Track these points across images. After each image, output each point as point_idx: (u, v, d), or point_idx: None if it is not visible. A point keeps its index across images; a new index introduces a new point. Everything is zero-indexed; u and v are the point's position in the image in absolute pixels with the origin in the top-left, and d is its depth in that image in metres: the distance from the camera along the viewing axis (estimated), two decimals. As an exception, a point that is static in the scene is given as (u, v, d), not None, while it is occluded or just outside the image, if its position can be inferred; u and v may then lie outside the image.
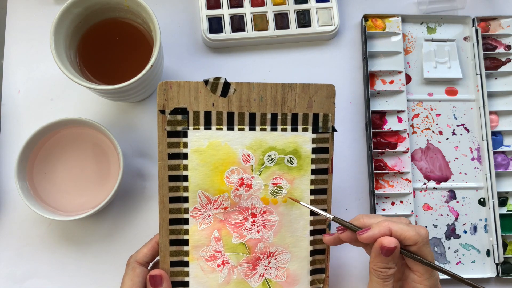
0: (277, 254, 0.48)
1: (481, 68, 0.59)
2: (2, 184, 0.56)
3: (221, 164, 0.47)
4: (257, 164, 0.48)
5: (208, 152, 0.47)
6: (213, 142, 0.47)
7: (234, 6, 0.59)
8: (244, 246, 0.48)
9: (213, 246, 0.47)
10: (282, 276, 0.48)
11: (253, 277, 0.48)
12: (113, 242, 0.56)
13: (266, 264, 0.48)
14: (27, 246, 0.55)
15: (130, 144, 0.58)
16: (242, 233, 0.48)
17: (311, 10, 0.59)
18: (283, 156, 0.48)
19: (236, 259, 0.48)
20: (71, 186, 0.54)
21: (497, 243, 0.56)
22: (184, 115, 0.46)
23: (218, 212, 0.47)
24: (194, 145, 0.46)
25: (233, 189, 0.47)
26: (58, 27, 0.48)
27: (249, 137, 0.47)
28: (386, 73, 0.60)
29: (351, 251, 0.56)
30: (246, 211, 0.48)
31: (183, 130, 0.46)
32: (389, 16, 0.61)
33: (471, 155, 0.59)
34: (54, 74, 0.57)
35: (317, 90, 0.48)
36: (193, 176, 0.47)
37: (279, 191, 0.48)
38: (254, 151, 0.48)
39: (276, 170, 0.48)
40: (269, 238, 0.48)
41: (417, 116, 0.60)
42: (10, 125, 0.57)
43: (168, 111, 0.46)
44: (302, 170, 0.48)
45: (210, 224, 0.47)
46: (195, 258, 0.47)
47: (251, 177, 0.48)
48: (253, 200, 0.48)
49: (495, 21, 0.62)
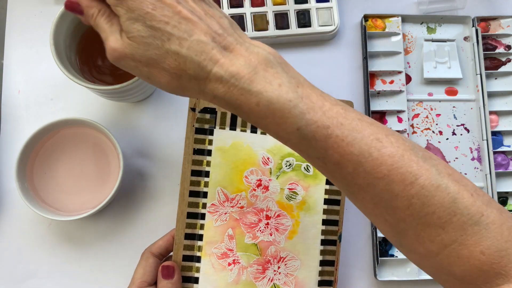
0: (287, 260, 0.49)
1: (481, 68, 0.59)
2: (2, 184, 0.56)
3: (242, 164, 0.49)
4: (275, 167, 0.49)
5: (230, 151, 0.49)
6: (236, 142, 0.49)
7: (234, 6, 0.59)
8: (256, 247, 0.49)
9: (226, 243, 0.48)
10: (291, 283, 0.49)
11: (262, 280, 0.49)
12: (113, 242, 0.56)
13: (276, 269, 0.49)
14: (27, 246, 0.55)
15: (130, 144, 0.58)
16: (255, 234, 0.49)
17: (311, 10, 0.59)
18: (301, 163, 0.50)
19: (247, 259, 0.48)
20: (71, 186, 0.54)
21: (497, 243, 0.56)
22: (212, 115, 0.49)
23: (234, 210, 0.49)
24: (218, 143, 0.49)
25: (250, 189, 0.49)
26: (58, 27, 0.48)
27: (270, 142, 0.50)
28: (386, 73, 0.60)
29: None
30: (261, 213, 0.49)
31: (210, 128, 0.49)
32: (389, 16, 0.61)
33: (471, 155, 0.59)
34: (54, 74, 0.57)
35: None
36: (214, 173, 0.48)
37: (294, 197, 0.49)
38: (273, 155, 0.49)
39: (293, 175, 0.50)
40: (281, 242, 0.49)
41: (417, 116, 0.60)
42: (10, 125, 0.57)
43: (198, 109, 0.48)
44: (317, 179, 0.50)
45: (225, 221, 0.49)
46: (207, 254, 0.48)
47: (269, 179, 0.49)
48: (268, 202, 0.49)
49: (495, 21, 0.62)
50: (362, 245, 0.57)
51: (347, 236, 0.56)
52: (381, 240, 0.57)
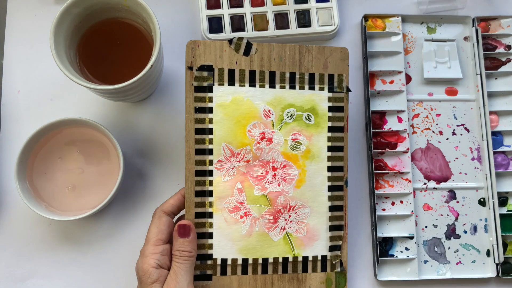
0: (297, 208, 0.50)
1: (481, 68, 0.59)
2: (2, 184, 0.56)
3: (244, 118, 0.50)
4: (277, 119, 0.50)
5: (231, 107, 0.49)
6: (236, 97, 0.50)
7: (234, 6, 0.59)
8: (266, 198, 0.50)
9: (236, 197, 0.49)
10: (302, 230, 0.51)
11: (275, 230, 0.50)
12: (113, 242, 0.56)
13: (287, 218, 0.50)
14: (27, 246, 0.55)
15: (130, 144, 0.58)
16: (263, 185, 0.50)
17: (311, 10, 0.59)
18: (301, 113, 0.51)
19: (258, 210, 0.50)
20: (71, 186, 0.54)
21: (497, 243, 0.56)
22: (210, 72, 0.49)
23: (241, 165, 0.50)
24: (218, 99, 0.49)
25: (255, 142, 0.50)
26: (58, 27, 0.48)
27: (269, 94, 0.50)
28: (386, 73, 0.60)
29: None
30: (267, 165, 0.50)
31: (208, 86, 0.49)
32: (389, 16, 0.61)
33: (471, 155, 0.59)
34: (54, 74, 0.57)
35: (332, 52, 0.51)
36: (217, 129, 0.49)
37: (298, 147, 0.50)
38: (274, 107, 0.50)
39: (295, 126, 0.51)
40: (289, 192, 0.50)
41: (417, 116, 0.60)
42: (10, 125, 0.57)
43: (196, 68, 0.49)
44: (319, 127, 0.51)
45: (233, 176, 0.49)
46: (219, 209, 0.49)
47: (272, 131, 0.50)
48: (273, 154, 0.50)
49: (495, 21, 0.62)
50: (362, 245, 0.57)
51: (347, 237, 0.56)
52: (381, 240, 0.57)
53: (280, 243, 0.50)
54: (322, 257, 0.51)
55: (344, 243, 0.52)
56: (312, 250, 0.51)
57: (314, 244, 0.51)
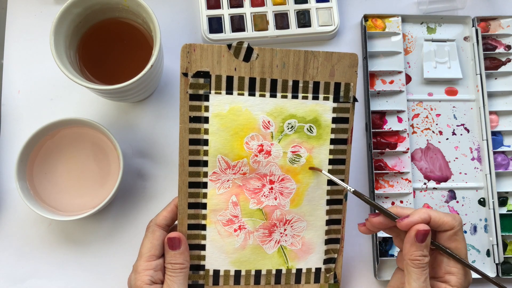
0: (293, 222, 0.49)
1: (481, 68, 0.59)
2: (2, 184, 0.56)
3: (241, 129, 0.47)
4: (276, 131, 0.48)
5: (229, 117, 0.47)
6: (234, 107, 0.47)
7: (234, 6, 0.59)
8: (261, 212, 0.48)
9: (231, 210, 0.48)
10: (297, 244, 0.49)
11: (269, 243, 0.49)
12: (113, 242, 0.56)
13: (282, 231, 0.49)
14: (27, 246, 0.55)
15: (130, 144, 0.58)
16: (259, 199, 0.48)
17: (311, 10, 0.59)
18: (303, 124, 0.48)
19: (253, 224, 0.48)
20: (71, 186, 0.54)
21: (497, 243, 0.56)
22: (206, 79, 0.46)
23: (237, 177, 0.48)
24: (215, 109, 0.46)
25: (252, 155, 0.47)
26: (58, 27, 0.48)
27: (270, 104, 0.47)
28: (386, 73, 0.60)
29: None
30: (264, 178, 0.48)
31: (205, 94, 0.46)
32: (389, 16, 0.61)
33: (471, 155, 0.59)
34: (54, 74, 0.57)
35: (340, 59, 0.48)
36: (213, 140, 0.47)
37: (298, 160, 0.48)
38: (274, 118, 0.48)
39: (295, 138, 0.48)
40: (286, 206, 0.48)
41: (417, 116, 0.60)
42: (10, 125, 0.57)
43: (191, 74, 0.46)
44: (321, 139, 0.49)
45: (228, 189, 0.48)
46: (212, 222, 0.47)
47: (271, 144, 0.48)
48: (271, 167, 0.48)
49: (495, 21, 0.62)
50: (362, 245, 0.57)
51: (347, 237, 0.56)
52: (381, 240, 0.57)
53: (274, 255, 0.49)
54: (316, 269, 0.50)
55: (340, 256, 0.50)
56: (306, 262, 0.49)
57: (309, 257, 0.49)
